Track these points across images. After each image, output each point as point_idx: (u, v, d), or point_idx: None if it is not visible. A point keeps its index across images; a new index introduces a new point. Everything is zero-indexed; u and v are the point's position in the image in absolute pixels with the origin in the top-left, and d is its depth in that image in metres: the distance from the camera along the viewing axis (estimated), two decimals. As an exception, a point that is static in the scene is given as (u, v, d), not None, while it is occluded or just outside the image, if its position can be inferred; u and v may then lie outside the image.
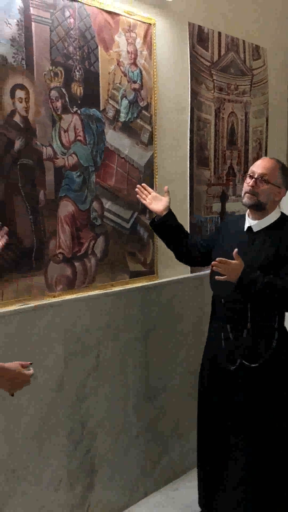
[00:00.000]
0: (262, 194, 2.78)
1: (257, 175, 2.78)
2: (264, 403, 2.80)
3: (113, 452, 3.19)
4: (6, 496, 2.64)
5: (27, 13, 2.59)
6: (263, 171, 2.78)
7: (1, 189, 2.54)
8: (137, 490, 3.36)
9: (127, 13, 3.07)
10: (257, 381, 2.79)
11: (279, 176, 2.81)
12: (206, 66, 3.67)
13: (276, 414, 2.81)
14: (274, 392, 2.81)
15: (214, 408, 2.91)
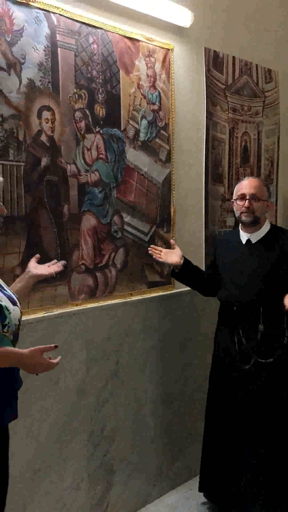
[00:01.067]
0: (257, 211, 2.90)
1: (249, 196, 2.89)
2: (278, 395, 2.85)
3: (131, 454, 3.18)
4: (31, 494, 2.63)
5: (54, 40, 2.61)
6: (253, 191, 2.90)
7: (28, 203, 2.55)
8: (153, 490, 3.34)
9: (147, 39, 3.09)
10: (271, 375, 2.84)
11: (265, 191, 2.96)
12: (221, 89, 3.67)
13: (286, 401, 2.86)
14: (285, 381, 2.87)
15: (228, 403, 2.95)
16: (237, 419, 2.92)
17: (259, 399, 2.85)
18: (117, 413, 3.07)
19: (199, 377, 3.57)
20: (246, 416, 2.89)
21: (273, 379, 2.85)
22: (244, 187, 2.92)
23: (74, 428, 2.83)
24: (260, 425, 2.86)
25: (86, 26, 2.75)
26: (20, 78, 2.48)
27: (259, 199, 2.88)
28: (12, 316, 1.96)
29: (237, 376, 2.90)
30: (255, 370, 2.85)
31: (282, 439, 2.86)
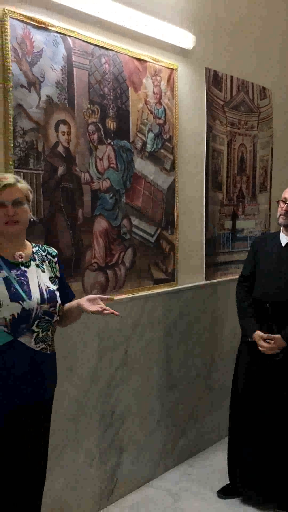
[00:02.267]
0: None
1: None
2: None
3: (138, 434, 3.18)
4: (49, 470, 2.63)
5: (70, 60, 2.62)
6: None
7: (46, 208, 2.56)
8: (159, 467, 3.34)
9: (154, 60, 3.09)
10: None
11: None
12: (220, 105, 3.68)
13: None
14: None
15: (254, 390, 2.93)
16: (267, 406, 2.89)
17: (284, 387, 2.84)
18: (126, 397, 3.08)
19: (200, 365, 3.58)
20: (276, 403, 2.86)
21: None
22: (286, 191, 2.90)
23: (87, 410, 2.83)
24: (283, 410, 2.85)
25: (98, 48, 2.76)
26: (40, 95, 2.49)
27: None
28: (3, 310, 1.93)
29: (266, 366, 2.87)
30: (284, 362, 2.83)
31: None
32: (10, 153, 2.38)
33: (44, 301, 2.04)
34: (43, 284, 2.08)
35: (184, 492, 3.15)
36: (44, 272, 2.13)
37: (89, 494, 2.89)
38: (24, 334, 1.99)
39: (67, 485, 2.75)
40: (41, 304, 2.02)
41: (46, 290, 2.07)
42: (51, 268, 2.17)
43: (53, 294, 2.09)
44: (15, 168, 2.40)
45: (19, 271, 2.04)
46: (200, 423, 3.59)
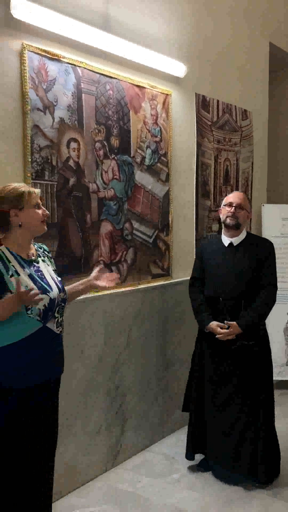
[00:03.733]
0: (240, 217, 2.83)
1: (236, 204, 2.82)
2: (257, 368, 2.78)
3: (139, 406, 3.18)
4: (63, 436, 2.64)
5: (79, 87, 2.61)
6: (239, 202, 2.84)
7: (59, 213, 2.56)
8: (156, 435, 3.34)
9: (151, 87, 3.08)
10: (251, 353, 2.77)
11: (248, 204, 2.90)
12: (208, 125, 3.66)
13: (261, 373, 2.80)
14: (262, 357, 2.80)
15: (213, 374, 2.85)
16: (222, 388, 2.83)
17: (242, 372, 2.78)
18: (128, 375, 3.07)
19: (191, 348, 3.56)
20: (229, 385, 2.81)
21: (252, 356, 2.77)
22: (232, 197, 2.86)
23: (95, 386, 2.83)
24: (241, 391, 2.79)
25: (104, 76, 2.75)
26: (53, 117, 2.48)
27: (242, 208, 2.82)
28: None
29: (224, 354, 2.79)
30: (240, 350, 2.76)
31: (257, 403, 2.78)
32: (28, 167, 2.37)
33: (60, 291, 2.05)
34: (53, 276, 2.08)
35: (178, 455, 3.14)
36: (49, 266, 2.12)
37: (97, 458, 2.88)
38: (49, 321, 2.01)
39: (79, 450, 2.75)
40: (59, 293, 2.04)
41: (57, 280, 2.08)
42: (50, 262, 2.16)
43: (61, 283, 2.10)
44: (32, 180, 2.39)
45: (34, 268, 2.03)
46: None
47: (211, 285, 2.86)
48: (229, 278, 2.79)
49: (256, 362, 2.78)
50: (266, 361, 2.82)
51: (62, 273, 2.56)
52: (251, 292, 2.76)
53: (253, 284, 2.77)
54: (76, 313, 2.67)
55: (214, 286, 2.84)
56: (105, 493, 2.72)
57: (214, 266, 2.86)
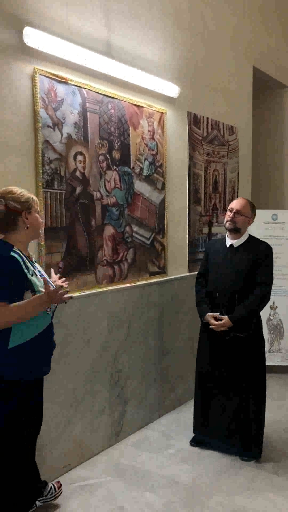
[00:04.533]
0: (238, 222, 2.79)
1: (235, 210, 2.79)
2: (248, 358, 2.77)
3: (139, 389, 3.18)
4: (71, 416, 2.64)
5: (84, 106, 2.61)
6: (239, 208, 2.79)
7: (68, 218, 2.56)
8: (154, 414, 3.34)
9: (148, 106, 3.09)
10: (244, 344, 2.76)
11: (249, 210, 2.82)
12: (199, 140, 3.67)
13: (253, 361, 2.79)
14: (253, 348, 2.79)
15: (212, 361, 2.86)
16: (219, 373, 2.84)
17: (235, 360, 2.78)
18: (129, 362, 3.08)
19: (186, 337, 3.58)
20: (225, 370, 2.81)
21: (246, 347, 2.76)
22: (234, 203, 2.81)
23: (99, 371, 2.84)
24: (235, 377, 2.79)
25: (106, 97, 2.75)
26: (62, 133, 2.48)
27: (241, 214, 2.77)
28: None
29: (220, 343, 2.79)
30: (234, 341, 2.75)
31: (249, 387, 2.79)
32: (39, 177, 2.38)
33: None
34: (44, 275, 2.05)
35: (174, 433, 3.15)
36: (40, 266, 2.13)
37: (102, 435, 2.89)
38: (53, 316, 2.02)
39: (85, 428, 2.75)
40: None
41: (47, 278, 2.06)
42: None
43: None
44: (43, 189, 2.40)
45: (37, 269, 2.01)
46: (185, 382, 3.59)
47: (211, 282, 2.87)
48: (227, 276, 2.78)
49: (248, 352, 2.77)
50: (257, 352, 2.80)
51: (71, 271, 2.58)
52: (246, 289, 2.75)
53: (249, 282, 2.75)
54: (83, 307, 2.67)
55: (214, 282, 2.84)
56: (109, 466, 2.73)
57: (215, 264, 2.86)
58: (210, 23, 3.74)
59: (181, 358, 3.58)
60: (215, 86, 3.86)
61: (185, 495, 2.46)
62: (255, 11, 4.38)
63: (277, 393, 3.80)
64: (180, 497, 2.44)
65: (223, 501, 2.41)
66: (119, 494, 2.46)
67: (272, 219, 4.34)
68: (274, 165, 5.11)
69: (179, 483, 2.56)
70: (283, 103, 5.05)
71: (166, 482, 2.57)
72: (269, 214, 4.35)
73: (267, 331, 4.23)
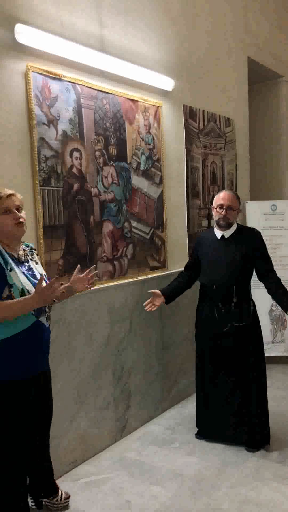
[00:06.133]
0: (231, 217, 2.76)
1: (226, 206, 2.74)
2: (247, 348, 2.76)
3: (142, 384, 3.18)
4: (76, 411, 2.64)
5: (79, 102, 2.59)
6: (229, 203, 2.74)
7: (66, 216, 2.55)
8: (158, 408, 3.34)
9: (143, 100, 3.06)
10: (243, 333, 2.75)
11: (237, 203, 2.80)
12: (195, 132, 3.64)
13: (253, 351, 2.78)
14: (252, 339, 2.78)
15: (211, 354, 2.84)
16: (219, 366, 2.83)
17: (234, 351, 2.77)
18: (132, 356, 3.07)
19: (186, 331, 3.57)
20: (225, 363, 2.80)
21: (244, 337, 2.75)
22: (222, 199, 2.76)
23: (103, 367, 2.83)
24: (236, 369, 2.78)
25: (101, 92, 2.73)
26: (57, 130, 2.46)
27: (232, 209, 2.75)
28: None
29: (218, 335, 2.78)
30: (232, 332, 2.74)
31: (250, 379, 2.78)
32: (36, 175, 2.36)
33: None
34: (42, 273, 2.02)
35: (177, 426, 3.15)
36: (38, 264, 2.06)
37: (107, 430, 2.89)
38: (42, 315, 1.97)
39: (90, 424, 2.75)
40: None
41: (45, 278, 2.01)
42: (38, 259, 2.11)
43: (48, 280, 2.03)
44: (40, 187, 2.38)
45: (25, 267, 1.97)
46: (188, 375, 3.58)
47: (205, 274, 2.85)
48: (221, 268, 2.76)
49: (248, 341, 2.76)
50: (257, 341, 2.79)
51: (70, 269, 2.56)
52: (242, 279, 2.74)
53: (244, 272, 2.75)
54: (84, 303, 2.66)
55: (208, 275, 2.83)
56: (115, 461, 2.73)
57: (208, 257, 2.84)
58: (203, 15, 3.70)
59: (183, 352, 3.57)
60: (210, 78, 3.83)
61: (191, 487, 2.46)
62: (249, 1, 4.34)
63: (281, 382, 3.79)
64: (186, 489, 2.44)
65: (230, 492, 2.41)
66: (125, 489, 2.46)
67: (271, 210, 4.32)
68: (272, 155, 5.08)
69: (185, 476, 2.56)
70: (279, 92, 5.01)
71: (172, 475, 2.57)
72: (268, 205, 4.33)
73: (269, 322, 4.23)
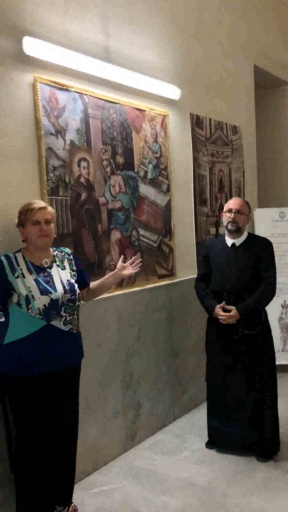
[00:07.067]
0: (240, 222, 2.77)
1: (235, 210, 2.76)
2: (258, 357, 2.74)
3: (152, 392, 3.16)
4: (84, 421, 2.63)
5: (86, 112, 2.61)
6: (238, 207, 2.77)
7: (74, 224, 2.56)
8: (168, 417, 3.32)
9: (150, 109, 3.08)
10: (254, 341, 2.73)
11: (247, 208, 2.82)
12: (202, 141, 3.65)
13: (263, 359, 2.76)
14: (263, 347, 2.75)
15: (221, 362, 2.82)
16: (230, 374, 2.80)
17: (245, 359, 2.75)
18: (141, 364, 3.06)
19: (196, 338, 3.55)
20: (236, 371, 2.78)
21: (255, 345, 2.73)
22: (232, 204, 2.79)
23: (111, 375, 2.82)
24: (246, 377, 2.76)
25: (108, 102, 2.75)
26: (65, 140, 2.48)
27: (241, 213, 2.76)
28: (35, 303, 1.97)
29: (229, 343, 2.77)
30: (243, 339, 2.72)
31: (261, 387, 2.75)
32: (44, 185, 2.38)
33: (66, 292, 2.07)
34: (64, 279, 2.11)
35: (188, 435, 3.12)
36: (65, 269, 2.15)
37: (116, 439, 2.87)
38: (54, 319, 2.02)
39: (99, 433, 2.74)
40: (64, 294, 2.05)
41: (67, 283, 2.10)
42: (69, 264, 2.19)
43: (72, 285, 2.12)
44: (48, 196, 2.40)
45: (45, 273, 2.07)
46: (198, 382, 3.56)
47: (216, 281, 2.84)
48: (231, 275, 2.76)
49: (258, 350, 2.74)
50: (267, 349, 2.77)
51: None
52: (252, 286, 2.72)
53: (254, 280, 2.73)
54: (92, 311, 2.66)
55: (219, 282, 2.82)
56: (125, 471, 2.71)
57: (219, 264, 2.84)
58: (208, 23, 3.73)
59: (192, 359, 3.55)
60: (216, 86, 3.84)
61: (201, 497, 2.43)
62: (252, 8, 4.36)
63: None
64: (196, 499, 2.41)
65: (240, 502, 2.37)
66: (135, 498, 2.44)
67: (279, 217, 4.30)
68: (279, 162, 5.07)
69: (196, 485, 2.53)
70: (286, 100, 5.01)
71: (182, 485, 2.54)
72: (276, 212, 4.32)
73: (279, 329, 4.19)
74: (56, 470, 2.16)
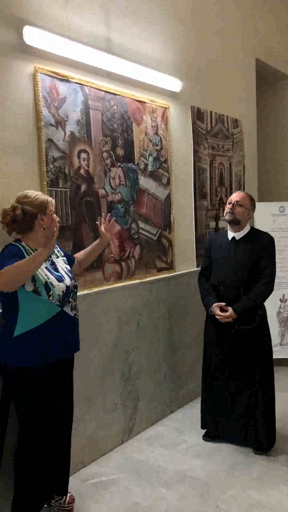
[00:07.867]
0: (237, 214, 2.75)
1: (234, 201, 2.76)
2: (254, 351, 2.74)
3: (150, 386, 3.17)
4: (83, 415, 2.64)
5: (87, 104, 2.60)
6: (238, 199, 2.76)
7: (74, 217, 2.55)
8: (166, 410, 3.33)
9: (151, 101, 3.06)
10: (250, 336, 2.73)
11: (248, 202, 2.79)
12: (203, 133, 3.63)
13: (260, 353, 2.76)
14: (260, 341, 2.76)
15: (218, 355, 2.83)
16: (226, 368, 2.81)
17: (242, 353, 2.75)
18: (140, 358, 3.06)
19: (194, 333, 3.56)
20: (232, 365, 2.79)
21: (252, 340, 2.73)
22: (233, 196, 2.80)
23: (110, 369, 2.83)
24: (243, 371, 2.77)
25: (108, 93, 2.73)
26: (65, 131, 2.47)
27: (241, 205, 2.74)
28: (55, 290, 2.00)
29: (226, 337, 2.77)
30: (239, 333, 2.72)
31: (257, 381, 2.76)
32: (44, 176, 2.36)
33: (71, 278, 2.13)
34: (64, 267, 2.16)
35: (186, 428, 3.13)
36: (58, 257, 2.19)
37: (115, 432, 2.88)
38: (65, 305, 2.06)
39: (98, 426, 2.75)
40: (71, 281, 2.11)
41: (67, 270, 2.16)
42: (59, 252, 2.23)
43: (71, 272, 2.19)
44: (48, 188, 2.39)
45: (50, 262, 2.11)
46: (197, 377, 3.56)
47: (215, 275, 2.83)
48: (230, 269, 2.75)
49: (254, 345, 2.74)
50: (264, 344, 2.77)
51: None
52: (250, 281, 2.71)
53: (252, 274, 2.72)
54: (91, 304, 2.66)
55: (218, 275, 2.81)
56: (123, 463, 2.72)
57: (219, 258, 2.83)
58: (211, 16, 3.70)
59: (191, 353, 3.56)
60: (218, 79, 3.82)
61: (199, 489, 2.44)
62: (255, 1, 4.32)
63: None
64: (194, 492, 2.43)
65: (238, 495, 2.39)
66: (133, 490, 2.45)
67: (279, 211, 4.29)
68: (280, 156, 5.06)
69: (193, 478, 2.54)
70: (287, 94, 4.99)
71: (180, 477, 2.55)
72: (276, 207, 4.30)
73: (277, 324, 4.19)
74: (54, 461, 2.17)
